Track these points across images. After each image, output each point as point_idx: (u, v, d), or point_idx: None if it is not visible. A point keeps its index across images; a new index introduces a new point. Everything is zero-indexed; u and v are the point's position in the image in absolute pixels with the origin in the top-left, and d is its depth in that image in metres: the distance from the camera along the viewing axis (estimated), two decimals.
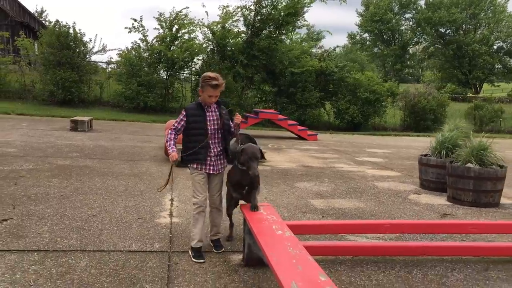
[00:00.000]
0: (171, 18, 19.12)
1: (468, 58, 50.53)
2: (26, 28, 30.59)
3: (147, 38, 19.15)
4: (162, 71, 19.61)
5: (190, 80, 20.61)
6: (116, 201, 5.13)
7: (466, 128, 8.47)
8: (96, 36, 39.93)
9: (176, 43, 19.24)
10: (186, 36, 19.43)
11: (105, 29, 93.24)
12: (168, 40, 19.00)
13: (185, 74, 20.64)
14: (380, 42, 62.52)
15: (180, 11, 19.13)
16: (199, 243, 3.64)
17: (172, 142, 3.56)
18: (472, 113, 22.02)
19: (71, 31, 18.24)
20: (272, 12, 18.70)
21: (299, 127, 14.16)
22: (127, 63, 18.46)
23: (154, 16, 18.94)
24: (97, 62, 21.54)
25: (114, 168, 7.04)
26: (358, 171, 8.18)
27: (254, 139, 4.51)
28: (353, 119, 19.49)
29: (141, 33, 19.03)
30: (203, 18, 34.97)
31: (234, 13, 19.01)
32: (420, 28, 56.21)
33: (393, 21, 59.52)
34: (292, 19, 19.26)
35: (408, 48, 62.67)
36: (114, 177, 6.38)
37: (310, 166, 8.52)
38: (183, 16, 19.12)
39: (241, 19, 19.28)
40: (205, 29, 19.24)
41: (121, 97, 18.55)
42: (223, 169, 3.75)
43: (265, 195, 5.76)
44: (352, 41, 65.36)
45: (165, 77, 19.55)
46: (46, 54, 17.81)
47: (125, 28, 19.00)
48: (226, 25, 18.92)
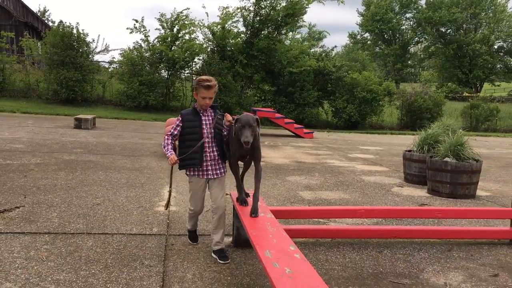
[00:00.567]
0: (172, 19, 19.59)
1: (469, 58, 50.63)
2: (30, 28, 31.04)
3: (149, 39, 19.64)
4: (163, 71, 20.10)
5: (191, 80, 21.03)
6: (119, 192, 5.55)
7: (455, 126, 8.92)
8: (99, 36, 40.54)
9: (177, 43, 19.72)
10: (187, 37, 19.91)
11: (107, 28, 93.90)
12: (169, 41, 19.47)
13: (186, 74, 21.11)
14: (381, 42, 62.84)
15: (181, 12, 19.61)
16: (193, 227, 3.94)
17: (170, 147, 3.57)
18: (468, 112, 22.39)
19: (75, 32, 18.70)
20: (271, 13, 19.09)
21: (296, 125, 14.57)
22: (129, 63, 18.91)
23: (156, 17, 19.47)
24: (100, 62, 22.02)
25: (117, 163, 7.47)
26: (348, 167, 8.59)
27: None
28: (351, 118, 19.87)
29: (143, 34, 19.52)
30: (203, 19, 35.41)
31: (234, 14, 19.46)
32: (421, 28, 56.44)
33: (394, 21, 59.80)
34: (291, 20, 19.67)
35: (409, 48, 62.98)
36: (117, 171, 6.80)
37: (303, 162, 8.93)
38: (184, 17, 19.58)
39: (241, 20, 19.76)
40: (206, 30, 19.73)
41: (123, 96, 19.01)
42: (222, 174, 3.71)
43: None
44: (353, 41, 65.66)
45: (166, 77, 20.02)
46: (50, 54, 18.25)
47: (127, 29, 19.50)
48: (226, 26, 19.34)
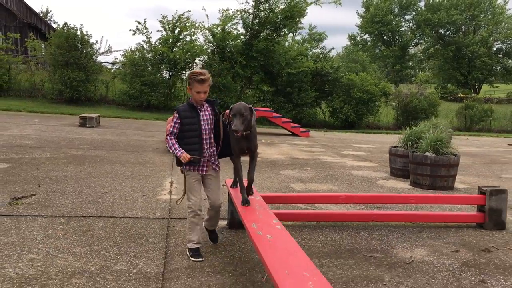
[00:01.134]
0: (174, 21, 20.12)
1: (467, 59, 50.92)
2: (34, 29, 31.58)
3: (151, 40, 20.17)
4: (165, 71, 20.64)
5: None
6: (124, 183, 6.05)
7: (444, 125, 9.42)
8: (102, 38, 41.18)
9: (178, 45, 20.24)
10: (188, 38, 20.43)
11: (108, 27, 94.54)
12: (171, 42, 20.00)
13: (187, 74, 21.59)
14: (381, 43, 63.36)
15: (182, 14, 20.15)
16: (197, 245, 3.60)
17: (177, 145, 3.51)
18: (463, 113, 22.86)
19: (79, 33, 19.21)
20: (270, 16, 19.58)
21: (292, 124, 15.05)
22: (131, 64, 19.43)
23: (158, 19, 19.97)
24: (103, 63, 22.55)
25: (121, 158, 7.96)
26: (340, 162, 9.08)
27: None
28: (347, 118, 20.35)
29: (145, 35, 20.05)
30: (204, 21, 35.98)
31: (234, 16, 19.97)
32: (420, 30, 56.94)
33: (393, 23, 60.36)
34: (289, 22, 20.16)
35: (408, 49, 63.48)
36: (122, 165, 7.29)
37: (297, 158, 9.41)
38: (185, 19, 20.12)
39: (240, 22, 20.27)
40: (206, 32, 20.21)
41: (126, 96, 19.51)
42: (217, 171, 3.75)
43: None
44: (353, 42, 66.19)
45: (168, 77, 20.57)
46: (55, 55, 18.75)
47: (130, 31, 20.02)
48: (226, 28, 19.84)
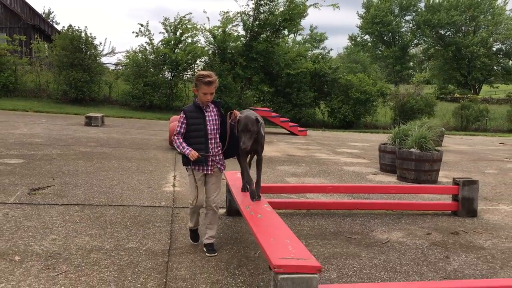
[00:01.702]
0: (175, 23, 20.62)
1: (467, 60, 51.16)
2: (38, 31, 32.12)
3: (153, 42, 20.67)
4: (167, 72, 21.14)
5: (193, 81, 22.01)
6: (131, 176, 6.54)
7: (436, 125, 9.93)
8: (106, 40, 41.79)
9: (180, 46, 20.74)
10: (189, 40, 20.93)
11: (110, 28, 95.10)
12: (172, 43, 20.51)
13: (188, 75, 22.10)
14: (381, 44, 63.81)
15: (184, 16, 20.65)
16: (195, 227, 3.90)
17: (185, 144, 3.54)
18: (459, 113, 23.30)
19: (83, 35, 19.73)
20: (270, 18, 20.07)
21: (290, 124, 15.53)
22: (134, 65, 19.94)
23: (160, 21, 20.47)
24: (106, 64, 23.06)
25: (127, 154, 8.46)
26: (333, 159, 9.56)
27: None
28: (345, 118, 20.81)
29: (147, 37, 20.56)
30: (205, 23, 36.52)
31: (234, 18, 20.47)
32: (420, 30, 57.36)
33: (394, 23, 60.82)
34: (289, 24, 20.65)
35: (408, 50, 63.91)
36: (128, 160, 7.79)
37: (293, 155, 9.90)
38: (187, 21, 20.62)
39: (241, 24, 20.74)
40: (207, 33, 20.72)
41: (129, 96, 20.04)
42: (221, 170, 3.79)
43: None
44: (354, 43, 66.64)
45: (170, 78, 21.08)
46: (60, 56, 19.26)
47: (133, 33, 20.50)
48: (227, 30, 20.34)
